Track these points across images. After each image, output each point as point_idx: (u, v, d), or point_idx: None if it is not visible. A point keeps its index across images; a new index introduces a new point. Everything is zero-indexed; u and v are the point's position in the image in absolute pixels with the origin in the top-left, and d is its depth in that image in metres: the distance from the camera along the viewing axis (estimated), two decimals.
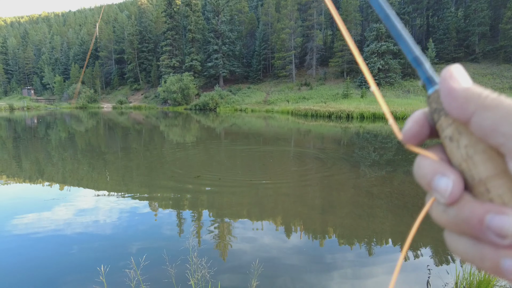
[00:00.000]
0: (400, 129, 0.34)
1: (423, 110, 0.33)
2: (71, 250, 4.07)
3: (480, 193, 0.25)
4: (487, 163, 0.24)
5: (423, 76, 0.33)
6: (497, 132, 0.22)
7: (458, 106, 0.27)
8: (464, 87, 0.28)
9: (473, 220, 0.25)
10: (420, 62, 0.32)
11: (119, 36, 72.83)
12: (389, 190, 6.72)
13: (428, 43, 43.51)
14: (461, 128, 0.27)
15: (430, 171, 0.29)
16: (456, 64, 0.31)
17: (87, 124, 25.47)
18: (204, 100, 47.63)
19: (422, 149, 0.33)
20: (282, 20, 52.42)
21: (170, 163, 9.55)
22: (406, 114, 25.86)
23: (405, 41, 0.33)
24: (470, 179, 0.26)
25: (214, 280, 2.79)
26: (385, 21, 0.34)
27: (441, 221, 0.30)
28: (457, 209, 0.27)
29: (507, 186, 0.23)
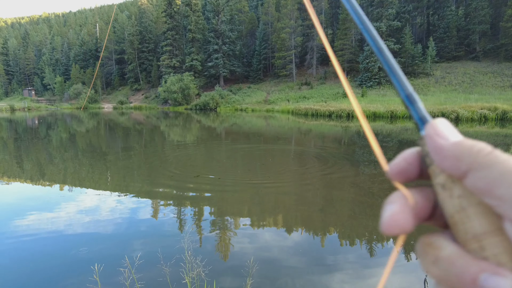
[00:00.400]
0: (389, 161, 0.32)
1: (416, 149, 0.32)
2: (65, 250, 4.11)
3: (473, 249, 0.23)
4: (482, 218, 0.23)
5: (415, 115, 0.31)
6: (492, 193, 0.21)
7: (450, 165, 0.26)
8: (452, 143, 0.27)
9: (466, 277, 0.23)
10: (413, 100, 0.31)
11: (119, 36, 72.93)
12: (389, 188, 6.73)
13: (428, 41, 43.46)
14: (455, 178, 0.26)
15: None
16: (439, 119, 0.29)
17: (88, 125, 25.52)
18: (204, 100, 47.67)
19: (404, 188, 0.31)
20: (282, 20, 52.43)
21: (170, 163, 9.58)
22: (406, 113, 25.84)
23: (399, 77, 0.31)
24: (462, 232, 0.24)
25: (209, 278, 2.82)
26: (379, 55, 0.33)
27: (431, 272, 0.28)
28: (448, 263, 0.25)
29: (503, 246, 0.22)
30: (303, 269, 3.56)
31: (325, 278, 3.35)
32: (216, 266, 3.60)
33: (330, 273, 3.48)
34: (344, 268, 3.60)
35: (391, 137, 15.80)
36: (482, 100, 26.76)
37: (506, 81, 35.31)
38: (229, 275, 3.46)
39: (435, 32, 47.55)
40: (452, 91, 35.62)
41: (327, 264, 3.67)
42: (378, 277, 3.45)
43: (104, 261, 3.41)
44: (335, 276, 3.40)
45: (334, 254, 3.96)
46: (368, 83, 42.51)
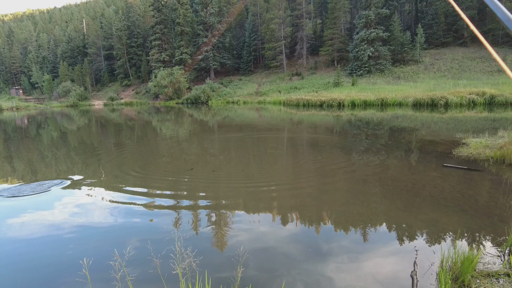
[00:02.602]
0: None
1: None
2: (53, 245, 4.15)
3: None
4: None
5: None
6: None
7: None
8: None
9: None
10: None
11: (107, 32, 71.63)
12: (382, 176, 6.87)
13: (417, 28, 43.56)
14: None
15: None
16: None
17: (79, 122, 25.27)
18: (195, 93, 47.35)
19: None
20: (271, 10, 51.99)
21: (163, 157, 9.61)
22: (396, 100, 26.06)
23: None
24: None
25: (201, 268, 2.89)
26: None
27: None
28: None
29: None
30: (298, 257, 3.64)
31: (320, 266, 3.43)
32: (208, 256, 3.68)
33: (325, 260, 3.56)
34: (339, 255, 3.69)
35: (382, 124, 15.97)
36: (470, 86, 27.07)
37: (493, 66, 35.69)
38: (221, 264, 3.54)
39: (423, 19, 47.65)
40: (441, 77, 35.92)
41: (322, 252, 3.76)
42: (372, 262, 3.56)
43: (93, 255, 3.45)
44: (330, 264, 3.48)
45: (328, 241, 4.05)
46: (358, 71, 42.59)
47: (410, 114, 20.04)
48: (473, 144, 8.80)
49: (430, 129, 13.80)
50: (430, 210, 4.90)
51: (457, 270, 2.97)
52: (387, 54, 42.64)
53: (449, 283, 2.74)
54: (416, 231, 4.23)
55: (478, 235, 4.01)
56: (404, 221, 4.57)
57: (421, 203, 5.19)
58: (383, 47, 42.51)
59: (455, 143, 9.54)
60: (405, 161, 8.12)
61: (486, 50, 39.57)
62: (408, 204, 5.21)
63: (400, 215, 4.80)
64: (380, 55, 42.48)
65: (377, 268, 3.43)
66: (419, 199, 5.38)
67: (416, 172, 6.99)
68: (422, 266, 3.35)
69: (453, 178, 6.41)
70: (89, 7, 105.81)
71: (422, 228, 4.30)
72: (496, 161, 7.31)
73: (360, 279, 3.22)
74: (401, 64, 43.16)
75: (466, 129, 12.34)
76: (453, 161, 7.54)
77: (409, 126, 14.93)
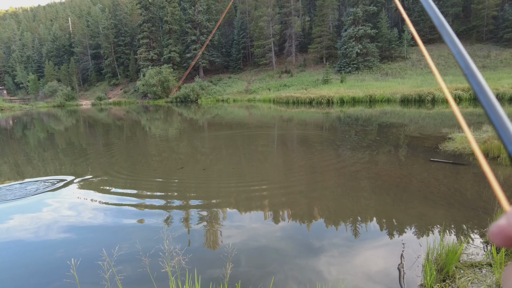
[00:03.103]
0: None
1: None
2: (41, 246, 4.11)
3: None
4: None
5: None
6: None
7: None
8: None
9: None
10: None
11: (93, 30, 70.48)
12: (371, 171, 6.95)
13: (404, 25, 44.08)
14: None
15: None
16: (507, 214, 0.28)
17: (66, 123, 24.88)
18: (184, 92, 47.05)
19: None
20: (259, 8, 51.92)
21: (153, 156, 9.54)
22: (384, 97, 26.35)
23: (508, 131, 0.30)
24: None
25: (190, 266, 2.90)
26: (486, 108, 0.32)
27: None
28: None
29: None
30: (290, 254, 3.67)
31: (311, 261, 3.47)
32: (198, 254, 3.68)
33: (316, 256, 3.60)
34: (329, 250, 3.73)
35: (370, 121, 16.14)
36: (456, 81, 27.54)
37: (478, 62, 36.39)
38: (211, 262, 3.55)
39: (410, 16, 48.18)
40: (428, 73, 36.45)
41: (313, 248, 3.79)
42: (361, 256, 3.62)
43: (81, 255, 3.42)
44: (321, 259, 3.52)
45: (320, 237, 4.09)
46: (346, 68, 42.91)
47: (398, 110, 20.31)
48: (459, 138, 8.98)
49: (418, 124, 14.01)
50: (417, 204, 4.99)
51: (442, 261, 3.04)
52: (375, 51, 43.07)
53: (434, 274, 2.80)
54: (404, 225, 4.31)
55: (463, 227, 4.11)
56: (392, 215, 4.64)
57: (409, 198, 5.28)
58: (371, 44, 42.90)
59: (442, 138, 9.72)
60: (393, 157, 8.24)
61: (470, 47, 40.36)
62: (396, 198, 5.30)
63: (388, 210, 4.88)
64: (368, 52, 42.88)
65: (366, 262, 3.48)
66: (406, 193, 5.47)
67: (404, 167, 7.10)
68: (409, 258, 3.42)
69: (440, 172, 6.53)
70: (75, 5, 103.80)
71: (410, 222, 4.38)
72: None
73: (350, 273, 3.27)
74: (389, 60, 43.65)
75: (452, 124, 12.57)
76: (440, 156, 7.68)
77: (397, 122, 15.13)
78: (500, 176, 6.12)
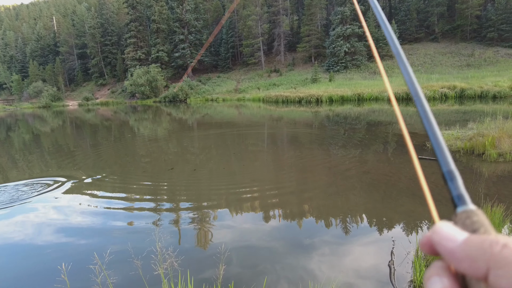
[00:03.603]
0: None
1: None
2: (31, 250, 4.04)
3: None
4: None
5: (454, 192, 0.30)
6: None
7: (468, 267, 0.25)
8: (461, 242, 0.27)
9: None
10: (453, 177, 0.30)
11: (79, 29, 69.23)
12: (360, 169, 7.03)
13: (391, 24, 44.63)
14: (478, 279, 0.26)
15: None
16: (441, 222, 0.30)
17: (52, 124, 24.42)
18: (173, 91, 46.68)
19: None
20: (248, 7, 51.83)
21: (142, 157, 9.45)
22: (372, 95, 26.65)
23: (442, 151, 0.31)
24: None
25: (182, 268, 2.88)
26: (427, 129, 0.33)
27: None
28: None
29: None
30: (281, 253, 3.69)
31: (303, 260, 3.50)
32: (190, 256, 3.67)
33: (308, 255, 3.62)
34: (321, 249, 3.76)
35: (359, 119, 16.30)
36: (442, 80, 28.05)
37: (463, 60, 37.13)
38: (204, 263, 3.54)
39: (396, 15, 48.86)
40: (415, 71, 36.88)
41: (305, 247, 3.82)
42: (352, 254, 3.65)
43: (72, 260, 3.38)
44: (313, 258, 3.55)
45: (311, 236, 4.12)
46: (335, 67, 43.22)
47: (386, 109, 20.56)
48: (445, 136, 9.15)
49: (406, 122, 14.00)
50: (406, 201, 5.07)
51: (431, 257, 3.10)
52: (363, 50, 43.50)
53: (423, 271, 2.85)
54: (393, 222, 4.37)
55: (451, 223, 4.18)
56: (382, 213, 4.71)
57: (398, 195, 5.36)
58: (359, 43, 43.31)
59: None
60: (382, 155, 8.35)
61: (455, 46, 41.13)
62: (386, 196, 5.37)
63: (378, 207, 4.94)
64: (356, 51, 43.27)
65: (357, 259, 3.53)
66: (396, 191, 5.55)
67: (392, 165, 7.20)
68: (399, 255, 3.48)
69: (428, 169, 6.64)
70: (59, 4, 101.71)
71: (399, 219, 4.45)
72: (466, 152, 7.64)
73: (341, 270, 3.30)
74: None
75: (439, 121, 12.71)
76: (428, 153, 7.80)
77: (386, 120, 15.32)
78: (485, 173, 6.27)
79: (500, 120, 8.37)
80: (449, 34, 44.55)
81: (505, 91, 21.84)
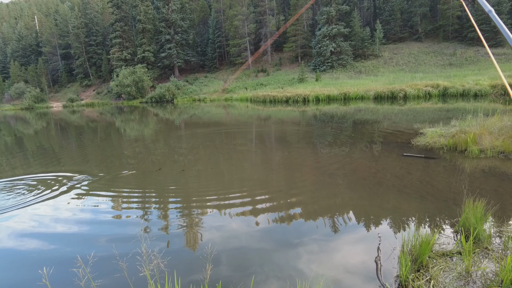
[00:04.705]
0: None
1: None
2: (10, 256, 3.94)
3: None
4: None
5: None
6: None
7: None
8: None
9: None
10: None
11: (62, 29, 67.73)
12: (347, 167, 7.10)
13: (376, 24, 45.25)
14: None
15: None
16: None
17: (36, 126, 23.85)
18: (160, 92, 46.24)
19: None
20: (234, 7, 51.74)
21: (129, 158, 9.33)
22: (358, 94, 26.96)
23: None
24: None
25: (169, 269, 2.86)
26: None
27: None
28: None
29: None
30: (269, 252, 3.69)
31: (291, 258, 3.51)
32: (177, 256, 3.64)
33: (296, 253, 3.64)
34: (309, 247, 3.78)
35: (345, 118, 16.47)
36: (426, 78, 28.58)
37: (445, 59, 37.93)
38: (191, 263, 3.51)
39: (381, 15, 49.57)
40: (400, 71, 37.60)
41: (293, 245, 3.83)
42: (340, 251, 3.69)
43: (54, 263, 3.30)
44: (301, 256, 3.56)
45: (298, 234, 4.14)
46: (321, 67, 43.54)
47: (371, 107, 20.83)
48: (430, 133, 9.33)
49: (391, 120, 14.43)
50: (392, 197, 5.15)
51: (416, 252, 3.16)
52: (349, 50, 43.95)
53: (409, 265, 2.91)
54: (380, 219, 4.43)
55: (435, 219, 4.27)
56: (369, 210, 4.77)
57: (384, 192, 5.43)
58: (344, 43, 43.73)
59: (414, 133, 10.07)
60: (368, 153, 8.46)
61: (438, 45, 41.97)
62: (372, 193, 5.44)
63: (364, 204, 5.01)
64: (342, 50, 43.68)
65: (345, 256, 3.56)
66: (382, 188, 5.63)
67: (378, 163, 7.30)
68: (385, 251, 3.53)
69: (412, 166, 6.77)
70: (41, 3, 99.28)
71: (385, 215, 4.51)
72: (449, 148, 7.81)
73: (329, 267, 3.33)
74: (362, 59, 44.66)
75: (423, 119, 13.04)
76: (412, 151, 7.95)
77: (371, 119, 15.52)
78: (467, 169, 6.41)
79: (481, 118, 8.58)
80: (432, 34, 45.48)
81: (485, 90, 22.39)
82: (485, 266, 3.02)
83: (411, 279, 2.88)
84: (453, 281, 2.86)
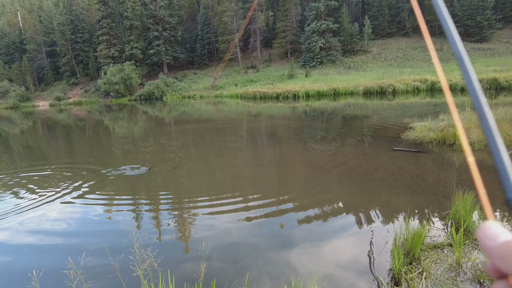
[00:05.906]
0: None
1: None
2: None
3: None
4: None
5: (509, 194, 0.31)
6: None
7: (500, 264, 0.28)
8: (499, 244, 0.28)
9: None
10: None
11: (47, 26, 66.24)
12: (338, 162, 7.13)
13: (364, 20, 45.52)
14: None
15: None
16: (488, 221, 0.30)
17: (22, 125, 23.36)
18: (148, 89, 45.81)
19: None
20: (222, 3, 51.43)
21: (119, 157, 9.21)
22: (348, 90, 27.13)
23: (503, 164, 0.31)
24: None
25: (162, 268, 2.83)
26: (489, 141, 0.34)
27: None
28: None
29: None
30: (263, 249, 3.69)
31: (284, 255, 3.52)
32: (170, 255, 3.61)
33: (289, 249, 3.64)
34: (302, 243, 3.79)
35: (335, 113, 16.56)
36: (414, 73, 28.92)
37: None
38: (184, 262, 3.49)
39: (369, 10, 49.90)
40: (388, 66, 37.96)
41: (286, 241, 3.83)
42: (333, 246, 3.70)
43: (45, 266, 3.24)
44: (294, 252, 3.57)
45: (291, 230, 4.14)
46: (311, 63, 43.67)
47: (361, 102, 20.99)
48: (419, 128, 9.44)
49: (380, 115, 14.56)
50: (383, 192, 5.19)
51: (408, 245, 3.19)
52: (338, 45, 44.17)
53: (401, 258, 2.93)
54: (372, 213, 4.47)
55: (425, 212, 4.33)
56: (361, 205, 4.80)
57: (375, 186, 5.48)
58: (333, 38, 43.91)
59: (403, 128, 10.18)
60: (358, 147, 8.52)
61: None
62: (363, 188, 5.48)
63: (356, 199, 5.04)
64: (331, 46, 43.86)
65: (338, 251, 3.58)
66: (373, 182, 5.68)
67: (369, 157, 7.36)
68: (378, 245, 3.55)
69: (403, 160, 6.84)
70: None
71: (377, 210, 4.55)
72: (438, 142, 7.92)
73: (323, 262, 3.34)
74: (351, 54, 44.94)
75: (412, 114, 13.20)
76: (402, 145, 8.03)
77: (361, 114, 15.64)
78: (456, 162, 6.51)
79: (468, 111, 8.71)
80: (419, 29, 45.95)
81: None
82: (475, 257, 3.07)
83: (404, 272, 2.91)
84: (445, 272, 2.90)
